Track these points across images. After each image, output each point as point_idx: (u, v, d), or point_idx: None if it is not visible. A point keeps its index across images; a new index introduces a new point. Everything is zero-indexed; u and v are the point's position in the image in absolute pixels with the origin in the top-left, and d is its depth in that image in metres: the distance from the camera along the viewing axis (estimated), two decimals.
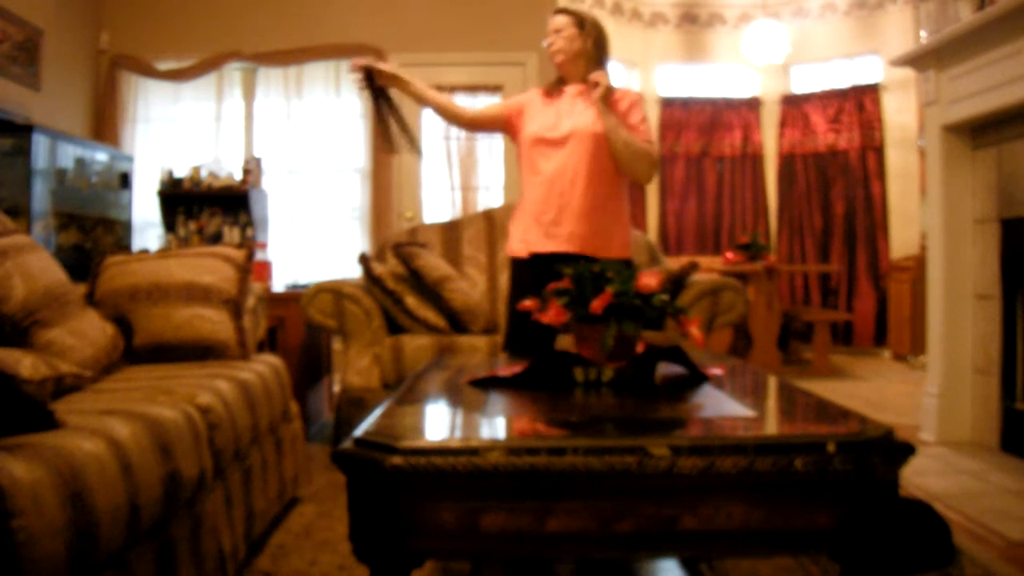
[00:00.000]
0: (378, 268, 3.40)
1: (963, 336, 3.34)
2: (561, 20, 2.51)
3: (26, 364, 1.67)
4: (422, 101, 2.61)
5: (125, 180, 4.89)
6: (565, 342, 1.71)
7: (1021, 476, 2.80)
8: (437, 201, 5.74)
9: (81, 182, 4.41)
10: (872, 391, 4.66)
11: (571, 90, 2.53)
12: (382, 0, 5.49)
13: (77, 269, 2.66)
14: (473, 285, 3.71)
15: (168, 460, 1.54)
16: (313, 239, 5.58)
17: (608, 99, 2.42)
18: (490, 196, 5.71)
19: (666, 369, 1.74)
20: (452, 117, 2.64)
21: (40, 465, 1.15)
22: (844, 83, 6.45)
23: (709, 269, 4.38)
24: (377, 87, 2.53)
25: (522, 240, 2.55)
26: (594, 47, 2.50)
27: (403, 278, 3.43)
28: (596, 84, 2.39)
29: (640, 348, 1.61)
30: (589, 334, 1.58)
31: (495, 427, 1.32)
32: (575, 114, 2.47)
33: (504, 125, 2.63)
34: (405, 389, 1.59)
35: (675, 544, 1.14)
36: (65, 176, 4.25)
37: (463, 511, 1.11)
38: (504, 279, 3.77)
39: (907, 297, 5.69)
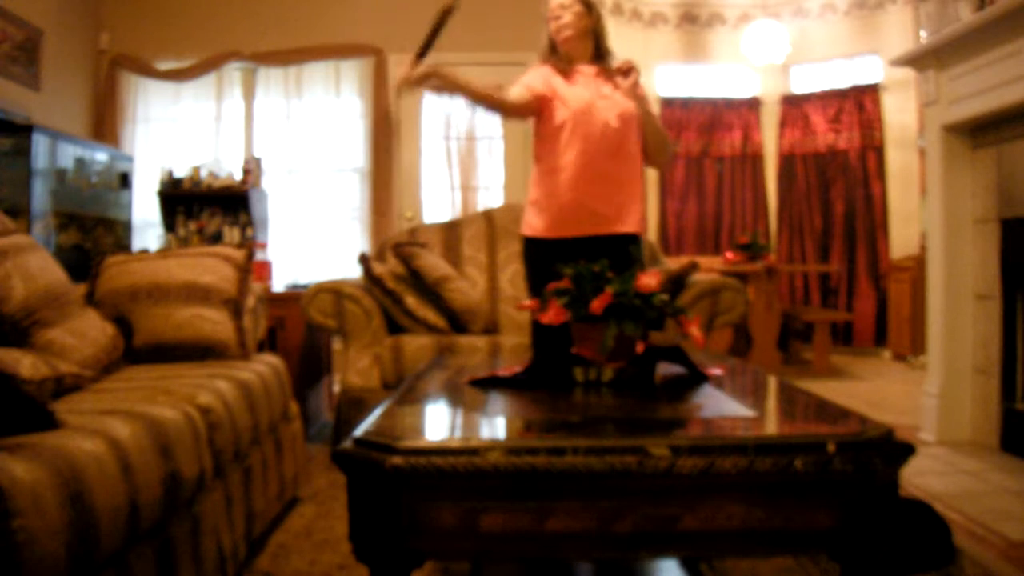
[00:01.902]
0: (378, 268, 3.40)
1: (963, 336, 3.34)
2: None
3: (26, 364, 1.67)
4: (466, 94, 2.42)
5: (125, 180, 4.89)
6: None
7: (1021, 476, 2.80)
8: (437, 201, 5.74)
9: (81, 182, 4.42)
10: (872, 391, 4.66)
11: (586, 70, 2.51)
12: (382, 0, 5.49)
13: (77, 269, 2.66)
14: (473, 285, 3.71)
15: (168, 460, 1.53)
16: (313, 239, 5.58)
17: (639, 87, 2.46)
18: (490, 196, 5.71)
19: (666, 369, 1.74)
20: (494, 107, 2.50)
21: (40, 465, 1.15)
22: (844, 83, 6.45)
23: (709, 269, 4.38)
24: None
25: (549, 221, 2.50)
26: (602, 29, 2.53)
27: (403, 278, 3.43)
28: (623, 72, 2.40)
29: (640, 348, 1.61)
30: (589, 334, 1.58)
31: (495, 427, 1.32)
32: (603, 95, 2.47)
33: (538, 109, 2.51)
34: (405, 389, 1.59)
35: (675, 544, 1.14)
36: (65, 176, 4.25)
37: (463, 511, 1.11)
38: (504, 279, 3.77)
39: (907, 297, 5.69)
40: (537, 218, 2.55)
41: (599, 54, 2.52)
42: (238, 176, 5.25)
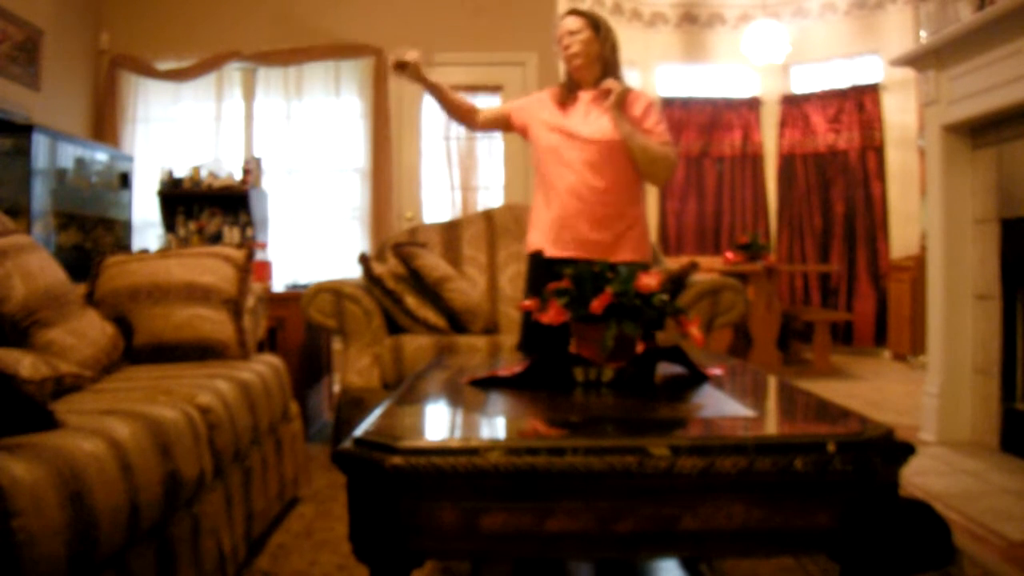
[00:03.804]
0: (378, 268, 3.40)
1: (963, 336, 3.34)
2: (575, 22, 2.48)
3: (26, 364, 1.67)
4: (437, 96, 2.60)
5: (125, 180, 4.89)
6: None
7: (1021, 476, 2.80)
8: (437, 201, 5.74)
9: (81, 182, 4.41)
10: (872, 391, 4.66)
11: (584, 96, 2.50)
12: (382, 0, 5.49)
13: (77, 269, 2.65)
14: (473, 285, 3.71)
15: (168, 460, 1.54)
16: (313, 239, 5.58)
17: (622, 104, 2.40)
18: (490, 196, 5.71)
19: (666, 369, 1.74)
20: (463, 117, 2.64)
21: (40, 465, 1.15)
22: (844, 83, 6.45)
23: (709, 269, 4.38)
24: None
25: (540, 240, 2.55)
26: (611, 52, 2.49)
27: (403, 278, 3.44)
28: (608, 91, 2.38)
29: (640, 348, 1.61)
30: (589, 334, 1.58)
31: (495, 427, 1.32)
32: (590, 121, 2.45)
33: (510, 127, 2.64)
34: (405, 389, 1.59)
35: (675, 544, 1.14)
36: (65, 176, 4.24)
37: (463, 511, 1.11)
38: (504, 279, 3.77)
39: (907, 297, 5.69)
40: (535, 235, 2.58)
41: (609, 76, 2.47)
42: (238, 176, 5.24)
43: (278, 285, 4.37)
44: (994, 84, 2.97)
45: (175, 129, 5.57)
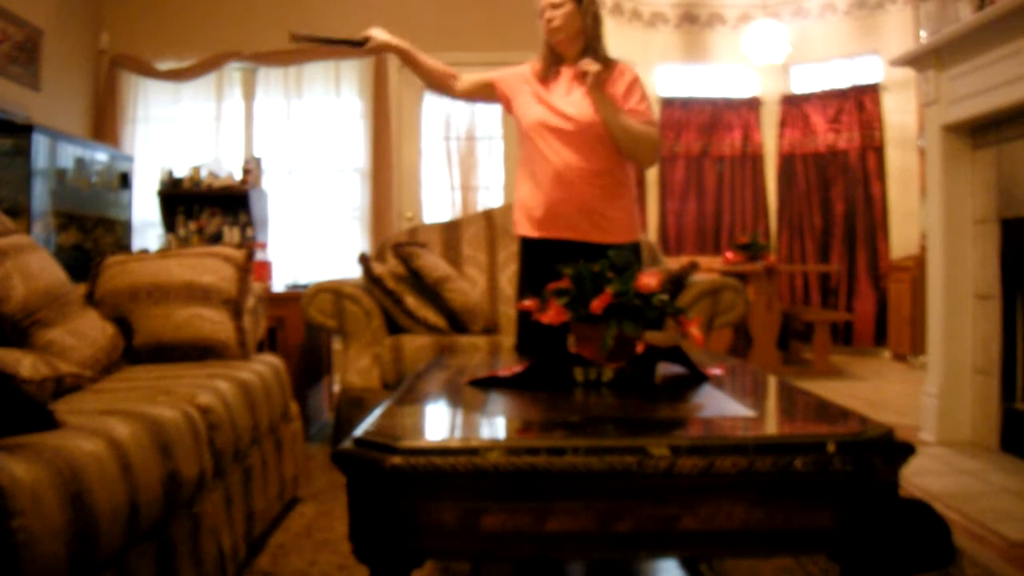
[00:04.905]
0: (378, 268, 3.40)
1: (963, 336, 3.34)
2: None
3: (26, 364, 1.67)
4: (415, 67, 2.58)
5: (125, 180, 4.89)
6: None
7: (1021, 476, 2.80)
8: (437, 201, 5.74)
9: (81, 182, 4.41)
10: (872, 391, 4.66)
11: (567, 72, 2.46)
12: (382, 0, 5.49)
13: (77, 269, 2.66)
14: (473, 285, 3.71)
15: (168, 460, 1.53)
16: (313, 239, 5.58)
17: (602, 84, 2.36)
18: (490, 196, 5.71)
19: (666, 369, 1.74)
20: (440, 83, 2.61)
21: (40, 465, 1.15)
22: (844, 83, 6.45)
23: (709, 269, 4.38)
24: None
25: (526, 225, 2.53)
26: (593, 24, 2.44)
27: (403, 278, 3.43)
28: (581, 76, 2.34)
29: (640, 348, 1.60)
30: (589, 334, 1.58)
31: (495, 427, 1.32)
32: (572, 101, 2.42)
33: (494, 97, 2.59)
34: (405, 389, 1.59)
35: (675, 544, 1.14)
36: (65, 176, 4.25)
37: (463, 511, 1.10)
38: (504, 279, 3.77)
39: (907, 297, 5.69)
40: (521, 218, 2.56)
41: (590, 50, 2.43)
42: (238, 176, 5.25)
43: (278, 285, 4.37)
44: (994, 84, 2.97)
45: (175, 129, 5.58)
